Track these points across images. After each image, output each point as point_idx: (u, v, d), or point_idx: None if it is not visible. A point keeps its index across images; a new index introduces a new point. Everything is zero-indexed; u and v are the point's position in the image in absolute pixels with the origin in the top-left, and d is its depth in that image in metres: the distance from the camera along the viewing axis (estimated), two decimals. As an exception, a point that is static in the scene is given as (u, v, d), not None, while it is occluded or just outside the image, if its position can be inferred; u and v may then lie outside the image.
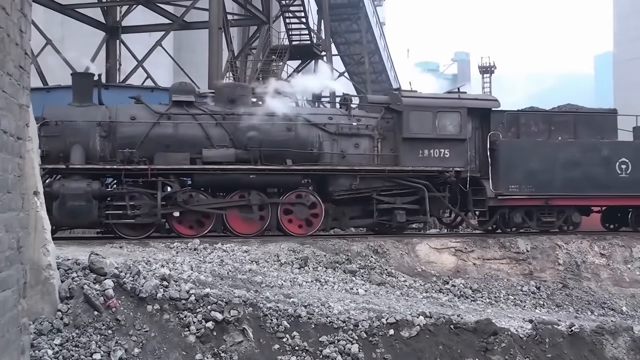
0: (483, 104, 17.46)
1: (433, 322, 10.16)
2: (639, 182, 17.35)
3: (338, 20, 42.34)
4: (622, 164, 17.27)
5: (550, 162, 17.00)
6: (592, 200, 17.78)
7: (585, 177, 17.08)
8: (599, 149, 17.39)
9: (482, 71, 54.86)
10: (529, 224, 17.18)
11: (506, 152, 16.84)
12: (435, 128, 16.40)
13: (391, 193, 16.27)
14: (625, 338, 10.96)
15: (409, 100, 16.62)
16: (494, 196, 16.60)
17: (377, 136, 16.40)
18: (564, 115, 18.40)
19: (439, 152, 16.43)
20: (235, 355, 8.75)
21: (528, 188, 16.78)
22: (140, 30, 27.37)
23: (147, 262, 10.99)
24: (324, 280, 12.68)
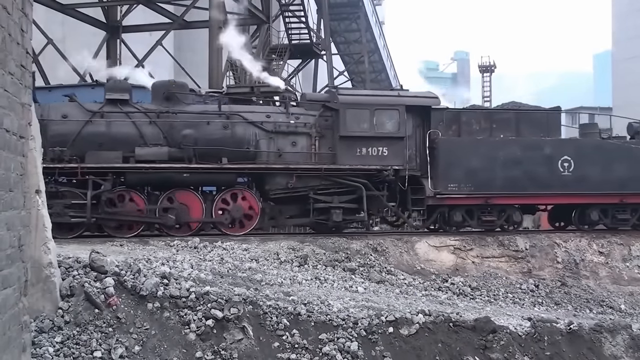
0: (422, 101, 17.11)
1: (432, 320, 10.21)
2: (581, 180, 17.07)
3: (337, 20, 42.34)
4: (564, 162, 17.00)
5: (491, 161, 16.75)
6: (534, 198, 17.58)
7: (526, 175, 16.84)
8: (540, 146, 17.12)
9: (482, 70, 54.87)
10: (470, 223, 16.97)
11: (445, 151, 16.59)
12: (372, 126, 16.18)
13: (329, 192, 16.05)
14: (623, 336, 11.00)
15: (346, 98, 16.41)
16: (432, 195, 16.40)
17: (315, 134, 16.18)
18: (506, 113, 18.19)
19: (377, 151, 16.19)
20: (235, 353, 8.79)
21: (467, 187, 16.54)
22: (140, 29, 27.42)
23: (148, 260, 11.03)
24: (323, 279, 12.73)
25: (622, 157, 17.44)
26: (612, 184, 17.25)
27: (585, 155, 17.21)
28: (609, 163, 17.30)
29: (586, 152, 17.36)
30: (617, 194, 17.41)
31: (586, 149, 17.52)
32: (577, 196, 17.38)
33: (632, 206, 17.73)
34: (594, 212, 17.55)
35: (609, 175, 17.21)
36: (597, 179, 17.14)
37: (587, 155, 17.25)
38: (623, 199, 17.49)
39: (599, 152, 17.45)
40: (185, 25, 27.06)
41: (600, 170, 17.20)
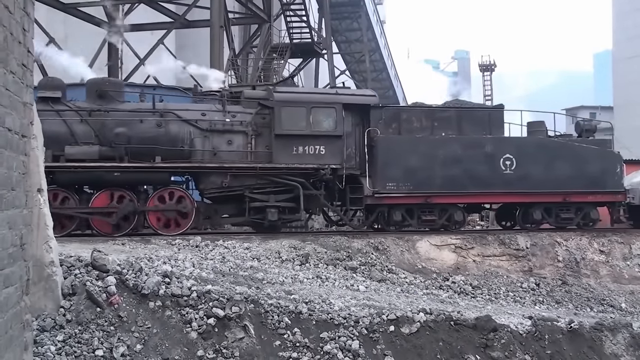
0: (361, 99, 16.94)
1: (433, 319, 10.21)
2: (523, 178, 16.86)
3: (339, 19, 42.42)
4: (506, 160, 16.79)
5: (431, 159, 16.53)
6: (475, 197, 17.29)
7: (467, 174, 16.63)
8: (482, 145, 16.88)
9: (482, 69, 54.85)
10: (410, 222, 16.74)
11: (384, 149, 16.38)
12: (309, 124, 15.94)
13: (265, 191, 15.82)
14: (624, 334, 11.00)
15: (281, 96, 16.14)
16: (371, 194, 16.20)
17: (251, 133, 15.91)
18: (447, 111, 17.92)
19: (314, 149, 15.97)
20: (236, 351, 8.80)
21: (406, 186, 16.35)
22: (142, 28, 27.43)
23: (149, 259, 11.05)
24: (324, 277, 12.75)
25: (565, 155, 17.27)
26: (555, 183, 17.08)
27: (527, 154, 17.01)
28: (552, 161, 17.11)
29: (528, 151, 17.16)
30: (560, 193, 17.22)
31: (528, 147, 17.33)
32: (519, 195, 17.18)
33: (577, 205, 17.55)
34: (537, 211, 17.33)
35: (552, 174, 17.03)
36: (540, 178, 16.96)
37: (529, 154, 17.05)
38: (566, 197, 17.30)
39: (541, 150, 17.25)
40: (186, 25, 27.09)
41: (543, 168, 17.01)
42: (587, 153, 17.50)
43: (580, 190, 17.25)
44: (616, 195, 17.76)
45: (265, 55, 28.11)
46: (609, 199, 17.87)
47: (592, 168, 17.39)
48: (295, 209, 15.93)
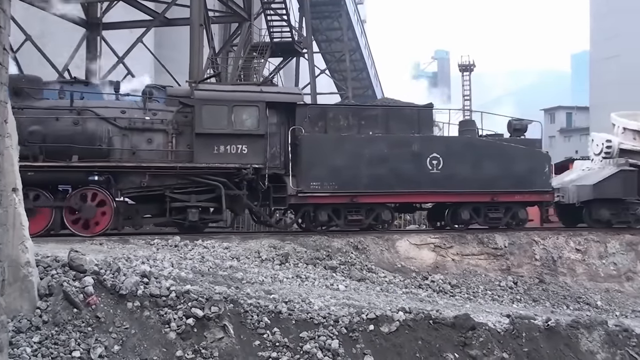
0: (285, 97, 16.56)
1: (412, 318, 10.27)
2: (450, 178, 16.67)
3: (319, 18, 42.41)
4: (433, 159, 16.59)
5: (356, 158, 16.25)
6: (402, 197, 17.03)
7: (393, 173, 16.38)
8: (408, 144, 16.63)
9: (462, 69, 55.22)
10: (337, 222, 16.46)
11: (308, 148, 16.10)
12: (231, 123, 15.57)
13: (187, 191, 15.46)
14: (600, 332, 11.15)
15: (202, 94, 15.77)
16: (295, 193, 15.93)
17: (172, 131, 15.55)
18: (375, 109, 17.69)
19: (236, 148, 15.60)
20: (215, 351, 8.78)
21: (331, 185, 16.09)
22: (121, 26, 27.18)
23: (128, 259, 10.98)
24: (304, 277, 12.76)
25: (493, 155, 17.15)
26: (483, 182, 16.95)
27: (455, 153, 16.83)
28: (479, 161, 16.99)
29: (456, 150, 16.98)
30: (488, 193, 17.06)
31: (456, 147, 17.17)
32: (446, 194, 17.05)
33: (505, 204, 17.42)
34: (465, 211, 17.19)
35: (480, 173, 16.90)
36: (468, 177, 16.82)
37: (457, 153, 16.87)
38: (494, 197, 17.16)
39: (469, 149, 17.12)
40: (166, 23, 26.84)
41: (471, 168, 16.87)
42: (515, 153, 17.40)
43: (508, 189, 17.14)
44: (544, 194, 17.72)
45: (246, 54, 28.00)
46: (537, 199, 17.84)
47: (520, 167, 17.28)
48: (220, 209, 15.61)
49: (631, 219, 18.66)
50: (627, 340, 11.20)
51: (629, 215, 18.64)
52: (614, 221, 18.60)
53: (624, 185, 18.49)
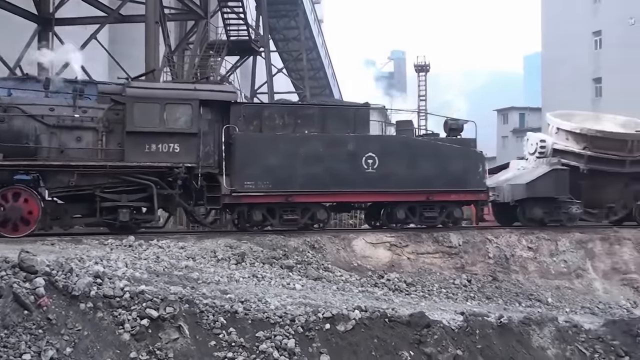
0: (219, 95, 16.24)
1: (368, 316, 10.34)
2: (386, 177, 16.55)
3: (276, 17, 42.33)
4: (368, 158, 16.43)
5: (291, 157, 16.06)
6: (338, 196, 16.89)
7: (329, 172, 16.22)
8: (344, 143, 16.48)
9: (418, 69, 55.81)
10: (272, 222, 16.28)
11: (242, 147, 15.86)
12: (163, 121, 15.28)
13: (118, 190, 15.13)
14: (550, 328, 11.41)
15: (134, 91, 15.41)
16: (228, 193, 15.68)
17: (102, 129, 15.16)
18: (311, 108, 17.45)
19: (168, 147, 15.33)
20: (170, 352, 8.71)
21: (265, 184, 15.90)
22: (74, 22, 26.68)
23: (80, 260, 10.81)
24: (261, 276, 12.75)
25: (428, 154, 17.11)
26: (419, 182, 16.91)
27: (390, 152, 16.78)
28: (415, 160, 16.95)
29: (391, 149, 16.94)
30: (423, 192, 17.02)
31: (391, 146, 17.13)
32: (382, 194, 16.98)
33: (440, 204, 17.42)
34: (401, 210, 17.11)
35: (415, 173, 16.87)
36: (403, 177, 16.76)
37: (392, 152, 16.82)
38: (430, 196, 17.12)
39: (405, 149, 17.06)
40: (120, 19, 26.49)
41: (406, 167, 16.81)
42: (450, 152, 17.38)
43: (444, 189, 17.15)
44: (479, 194, 17.73)
45: (202, 52, 27.79)
46: (472, 198, 17.89)
47: (455, 167, 17.27)
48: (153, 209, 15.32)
49: (563, 217, 18.82)
50: (576, 335, 11.49)
51: (561, 214, 18.79)
52: (547, 220, 18.75)
53: (556, 184, 18.70)
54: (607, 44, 43.10)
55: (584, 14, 44.94)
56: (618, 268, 17.76)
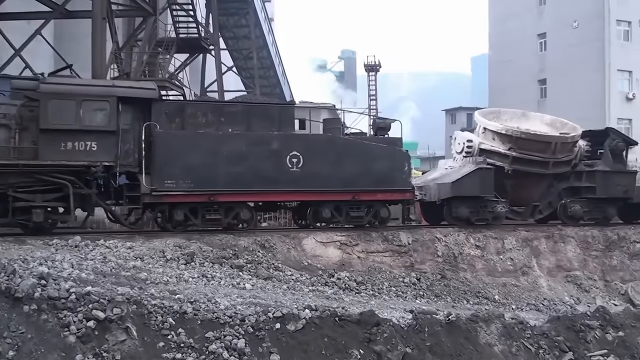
0: (139, 92, 15.76)
1: (318, 315, 10.37)
2: (311, 176, 16.37)
3: (226, 15, 42.02)
4: (293, 157, 16.25)
5: (214, 156, 15.78)
6: (262, 195, 16.67)
7: (253, 171, 15.99)
8: (268, 141, 16.26)
9: (368, 69, 56.16)
10: (194, 221, 15.99)
11: (162, 145, 15.46)
12: (79, 118, 14.78)
13: (32, 190, 14.53)
14: (497, 325, 11.63)
15: (48, 87, 14.81)
16: (148, 192, 15.29)
17: (15, 126, 14.66)
18: (235, 106, 17.11)
19: (85, 145, 14.85)
20: (118, 354, 8.58)
21: (187, 183, 15.55)
22: (18, 17, 25.93)
23: (24, 260, 10.55)
24: (210, 276, 12.66)
25: (354, 153, 16.95)
26: (344, 181, 16.76)
27: (315, 151, 16.56)
28: (340, 159, 16.76)
29: (316, 148, 16.70)
30: (349, 191, 16.88)
31: (316, 145, 16.86)
32: (306, 193, 16.74)
33: (367, 203, 17.28)
34: (327, 210, 16.89)
35: (341, 172, 16.69)
36: (328, 176, 16.59)
37: (317, 151, 16.60)
38: (355, 196, 16.96)
39: (330, 148, 16.85)
40: (66, 15, 25.86)
41: (331, 166, 16.64)
42: (376, 151, 17.21)
43: (370, 188, 17.02)
44: (405, 193, 17.56)
45: (150, 49, 27.38)
46: (398, 197, 17.67)
47: (381, 166, 17.14)
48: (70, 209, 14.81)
49: (489, 216, 18.83)
50: (522, 332, 11.73)
51: (487, 213, 18.80)
52: (473, 219, 18.70)
53: (481, 183, 18.66)
54: (552, 46, 44.18)
55: (529, 17, 45.98)
56: (562, 265, 18.27)
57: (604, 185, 20.33)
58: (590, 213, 20.42)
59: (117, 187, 15.38)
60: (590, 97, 40.23)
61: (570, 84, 41.17)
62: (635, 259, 19.02)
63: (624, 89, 41.35)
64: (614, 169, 20.67)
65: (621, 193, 20.57)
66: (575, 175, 20.74)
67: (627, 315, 12.85)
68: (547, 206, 20.76)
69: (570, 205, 20.25)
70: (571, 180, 20.76)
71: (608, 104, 40.36)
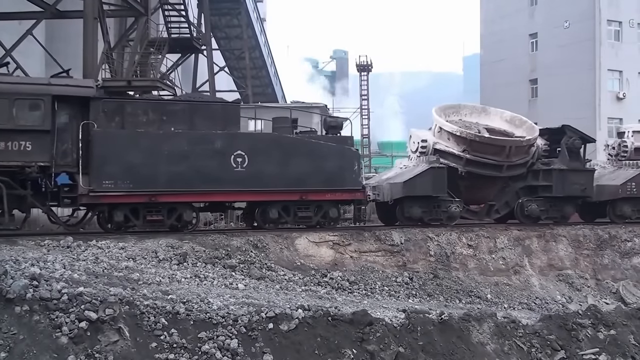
0: (76, 91, 15.27)
1: (311, 315, 10.37)
2: (256, 176, 16.13)
3: (218, 15, 41.99)
4: (237, 157, 15.97)
5: (155, 155, 15.43)
6: (205, 196, 16.38)
7: (196, 171, 15.68)
8: (211, 140, 15.92)
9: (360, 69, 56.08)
10: (135, 222, 15.60)
11: (100, 144, 15.06)
12: (12, 118, 14.45)
13: None
14: (489, 324, 11.66)
15: None
16: (86, 193, 14.94)
17: None
18: (178, 104, 16.62)
19: (18, 145, 14.47)
20: (110, 355, 8.55)
21: (126, 183, 15.18)
22: (9, 17, 25.81)
23: (16, 261, 10.50)
24: (203, 276, 12.64)
25: (301, 152, 16.73)
26: (292, 181, 16.53)
27: (261, 151, 16.31)
28: (287, 159, 16.52)
29: (262, 147, 16.46)
30: (297, 191, 16.67)
31: (262, 144, 16.63)
32: (252, 193, 16.49)
33: (316, 203, 17.04)
34: (274, 210, 16.67)
35: (288, 171, 16.47)
36: (275, 175, 16.34)
37: (263, 151, 16.35)
38: (304, 195, 16.76)
39: (276, 147, 16.59)
40: (58, 15, 25.75)
41: (278, 166, 16.41)
42: (325, 150, 16.95)
43: (319, 188, 16.80)
44: (355, 193, 17.37)
45: (142, 49, 27.29)
46: (348, 197, 17.49)
47: (330, 165, 16.90)
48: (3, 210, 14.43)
49: (443, 216, 18.60)
50: (514, 331, 11.77)
51: (441, 213, 18.57)
52: (426, 218, 18.45)
53: (433, 182, 18.30)
54: (543, 46, 44.31)
55: (520, 17, 46.10)
56: (554, 264, 18.35)
57: (560, 184, 19.99)
58: (547, 212, 20.15)
59: (53, 188, 14.98)
60: (581, 97, 40.36)
61: (561, 84, 41.30)
62: (626, 257, 19.13)
63: (614, 88, 41.49)
64: (571, 167, 20.23)
65: (579, 192, 20.26)
66: (532, 174, 20.37)
67: (619, 314, 12.92)
68: (504, 205, 20.35)
69: (527, 204, 19.95)
70: (528, 179, 20.34)
71: (599, 103, 40.49)
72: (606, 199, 21.06)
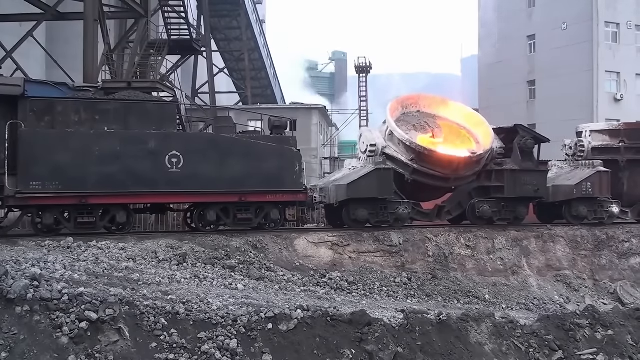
0: (2, 89, 14.91)
1: (310, 315, 10.40)
2: (192, 177, 15.84)
3: (218, 17, 42.12)
4: (172, 157, 15.65)
5: (85, 156, 15.10)
6: (138, 197, 15.99)
7: (128, 172, 15.34)
8: (145, 140, 15.55)
9: (359, 71, 56.18)
10: (66, 225, 15.28)
11: (27, 145, 14.70)
12: None
13: None
14: (487, 324, 11.69)
15: None
16: (12, 194, 14.63)
17: None
18: (112, 103, 16.14)
19: None
20: (110, 355, 8.58)
21: (54, 185, 14.82)
22: (9, 19, 25.88)
23: (16, 262, 10.55)
24: (202, 277, 12.69)
25: (240, 153, 16.41)
26: (230, 182, 16.21)
27: (197, 151, 15.99)
28: (225, 159, 16.23)
29: (198, 148, 16.13)
30: (236, 192, 16.35)
31: (198, 144, 16.30)
32: (188, 195, 16.24)
33: (256, 205, 16.74)
34: (212, 212, 16.36)
35: (226, 172, 16.16)
36: (212, 176, 16.04)
37: (199, 151, 16.03)
38: (243, 197, 16.44)
39: (213, 147, 16.27)
40: (58, 17, 25.83)
41: (215, 166, 16.09)
42: (264, 151, 16.63)
43: (259, 189, 16.50)
44: (297, 194, 17.02)
45: (142, 51, 27.37)
46: (290, 199, 17.11)
47: (270, 166, 16.62)
48: None
49: (391, 218, 18.01)
50: (512, 331, 11.80)
51: (389, 215, 17.98)
52: (373, 221, 17.92)
53: (379, 184, 17.76)
54: (541, 47, 44.40)
55: (519, 18, 46.19)
56: (552, 265, 18.40)
57: (512, 185, 19.31)
58: (499, 213, 19.49)
59: None
60: (579, 98, 40.47)
61: (559, 85, 41.39)
62: (624, 258, 19.19)
63: (612, 90, 41.60)
64: (523, 168, 19.58)
65: (531, 192, 19.62)
66: (485, 175, 19.69)
67: (616, 314, 12.95)
68: (457, 206, 19.75)
69: (479, 205, 19.27)
70: (481, 180, 19.72)
71: (596, 105, 40.59)
72: (562, 199, 20.45)
